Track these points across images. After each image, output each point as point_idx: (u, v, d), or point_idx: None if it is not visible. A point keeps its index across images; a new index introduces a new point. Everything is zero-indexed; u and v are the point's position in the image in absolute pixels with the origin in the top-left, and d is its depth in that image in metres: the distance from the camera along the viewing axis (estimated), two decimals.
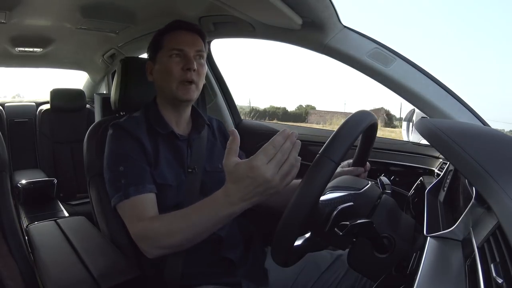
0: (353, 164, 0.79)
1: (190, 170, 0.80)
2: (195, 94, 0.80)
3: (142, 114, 0.83)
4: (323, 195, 0.54)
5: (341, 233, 0.47)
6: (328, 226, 0.49)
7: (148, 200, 0.72)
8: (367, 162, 0.79)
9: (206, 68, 0.83)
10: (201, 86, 0.82)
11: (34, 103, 2.16)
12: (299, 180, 0.49)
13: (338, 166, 0.48)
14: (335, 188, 0.56)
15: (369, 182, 0.61)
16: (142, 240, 0.68)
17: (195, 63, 0.78)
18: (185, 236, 0.64)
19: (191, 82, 0.78)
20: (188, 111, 0.86)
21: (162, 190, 0.75)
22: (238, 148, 0.58)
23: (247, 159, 0.56)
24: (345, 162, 0.81)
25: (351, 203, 0.51)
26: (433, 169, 0.97)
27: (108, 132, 0.79)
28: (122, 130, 0.77)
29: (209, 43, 1.41)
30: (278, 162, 0.55)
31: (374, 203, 0.56)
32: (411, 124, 1.11)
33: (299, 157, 0.57)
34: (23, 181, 1.60)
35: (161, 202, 0.73)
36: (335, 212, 0.49)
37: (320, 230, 0.50)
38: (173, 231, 0.64)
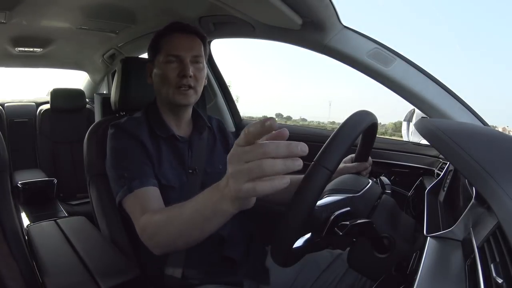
0: (356, 160, 0.78)
1: (190, 171, 0.80)
2: (192, 98, 0.79)
3: (143, 115, 0.82)
4: (321, 198, 0.54)
5: (341, 233, 0.47)
6: (325, 232, 0.48)
7: (152, 192, 0.70)
8: (369, 157, 0.78)
9: (205, 72, 0.82)
10: (199, 90, 0.81)
11: (34, 103, 2.16)
12: (297, 177, 0.45)
13: (332, 174, 0.46)
14: (333, 192, 0.56)
15: (370, 181, 0.61)
16: (142, 234, 0.64)
17: (191, 68, 0.76)
18: (178, 230, 0.56)
19: (188, 87, 0.77)
20: (188, 113, 0.85)
21: (164, 191, 0.74)
22: None
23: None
24: (348, 157, 0.80)
25: (348, 209, 0.50)
26: (433, 169, 0.97)
27: (108, 132, 0.79)
28: (122, 130, 0.77)
29: (209, 43, 1.40)
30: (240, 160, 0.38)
31: (374, 203, 0.56)
32: (411, 124, 1.11)
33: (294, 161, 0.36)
34: (23, 181, 1.60)
35: (163, 204, 0.73)
36: (331, 218, 0.48)
37: (318, 233, 0.50)
38: (167, 223, 0.58)
